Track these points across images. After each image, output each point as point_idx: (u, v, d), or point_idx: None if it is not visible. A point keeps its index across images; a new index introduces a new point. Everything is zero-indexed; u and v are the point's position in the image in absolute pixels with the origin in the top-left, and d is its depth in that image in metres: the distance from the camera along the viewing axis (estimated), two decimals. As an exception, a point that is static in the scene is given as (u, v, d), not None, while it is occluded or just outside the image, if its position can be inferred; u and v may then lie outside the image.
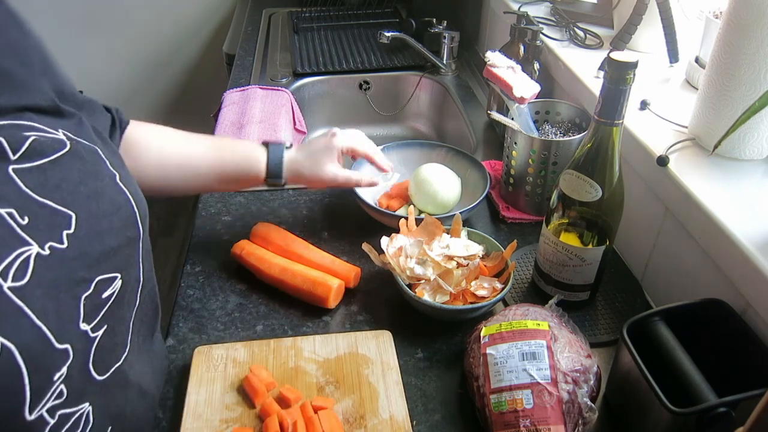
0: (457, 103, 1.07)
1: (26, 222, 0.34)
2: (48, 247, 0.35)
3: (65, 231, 0.36)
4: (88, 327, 0.38)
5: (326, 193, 0.81)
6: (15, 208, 0.34)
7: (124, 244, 0.41)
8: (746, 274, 0.48)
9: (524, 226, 0.75)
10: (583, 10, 0.95)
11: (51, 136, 0.38)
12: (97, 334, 0.39)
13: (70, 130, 0.41)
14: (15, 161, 0.35)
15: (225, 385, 0.52)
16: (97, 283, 0.38)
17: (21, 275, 0.33)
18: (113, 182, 0.42)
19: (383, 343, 0.57)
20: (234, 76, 1.14)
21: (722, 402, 0.41)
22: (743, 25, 0.54)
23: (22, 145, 0.36)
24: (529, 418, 0.46)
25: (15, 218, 0.34)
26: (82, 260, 0.37)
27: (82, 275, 0.37)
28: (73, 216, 0.37)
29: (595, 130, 0.52)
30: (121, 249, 0.41)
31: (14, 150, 0.36)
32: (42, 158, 0.37)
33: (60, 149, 0.38)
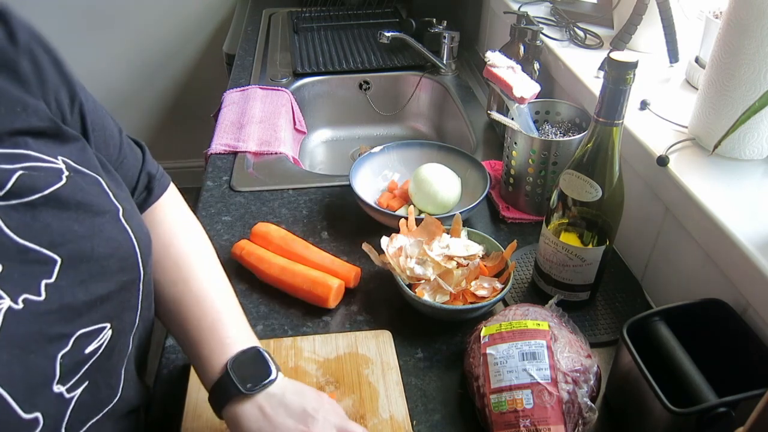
0: (457, 103, 1.07)
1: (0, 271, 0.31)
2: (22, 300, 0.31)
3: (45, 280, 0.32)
4: (63, 388, 0.33)
5: (326, 192, 0.81)
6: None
7: (117, 290, 0.37)
8: (746, 274, 0.47)
9: (524, 226, 0.75)
10: (583, 10, 0.95)
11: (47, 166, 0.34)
12: (74, 393, 0.35)
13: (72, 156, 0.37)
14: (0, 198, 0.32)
15: None
16: (77, 338, 0.34)
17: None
18: (115, 218, 0.37)
19: (383, 343, 0.57)
20: (234, 76, 1.14)
21: (722, 402, 0.41)
22: (743, 25, 0.54)
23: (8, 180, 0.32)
24: (529, 418, 0.46)
25: None
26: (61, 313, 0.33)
27: (59, 331, 0.33)
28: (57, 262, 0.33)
29: (595, 130, 0.52)
30: (113, 296, 0.36)
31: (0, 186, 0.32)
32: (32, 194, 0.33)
33: (54, 183, 0.34)
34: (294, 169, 0.87)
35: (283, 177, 0.84)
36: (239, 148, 0.89)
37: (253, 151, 0.89)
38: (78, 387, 0.35)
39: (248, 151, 0.89)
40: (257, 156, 0.89)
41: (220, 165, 0.87)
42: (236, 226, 0.75)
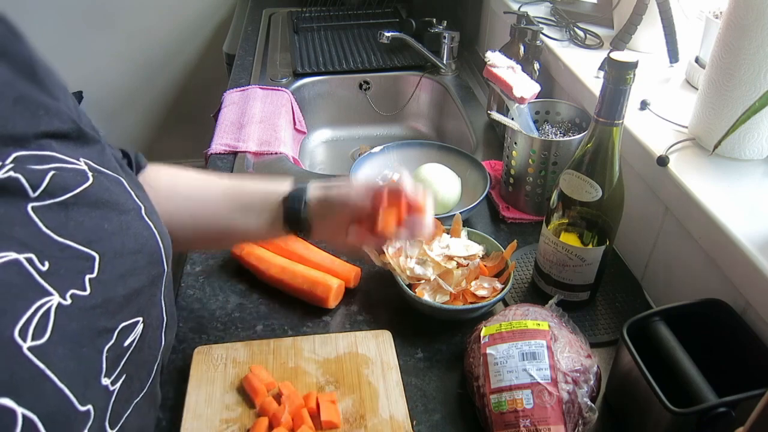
0: (457, 103, 1.07)
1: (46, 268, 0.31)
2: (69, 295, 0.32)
3: (88, 275, 0.33)
4: (108, 381, 0.34)
5: (326, 193, 0.81)
6: (35, 253, 0.31)
7: (148, 284, 0.38)
8: (746, 274, 0.48)
9: (524, 226, 0.75)
10: (583, 10, 0.95)
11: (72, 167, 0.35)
12: (116, 387, 0.36)
13: (93, 158, 0.38)
14: (35, 199, 0.32)
15: (225, 385, 0.52)
16: (119, 331, 0.35)
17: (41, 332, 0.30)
18: (138, 216, 0.39)
19: (383, 342, 0.57)
20: (234, 76, 1.14)
21: (722, 402, 0.41)
22: (743, 26, 0.54)
23: (43, 180, 0.33)
24: (529, 418, 0.46)
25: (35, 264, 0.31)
26: (105, 307, 0.34)
27: (104, 325, 0.34)
28: (96, 257, 0.34)
29: (595, 130, 0.52)
30: (144, 290, 0.38)
31: (34, 186, 0.32)
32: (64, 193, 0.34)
33: (83, 182, 0.35)
34: (294, 169, 0.87)
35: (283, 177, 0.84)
36: (239, 148, 0.89)
37: (253, 151, 0.89)
38: (119, 380, 0.36)
39: (248, 151, 0.89)
40: (257, 156, 0.89)
41: (220, 165, 0.87)
42: (236, 226, 0.75)
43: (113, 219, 0.36)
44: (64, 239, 0.33)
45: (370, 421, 0.50)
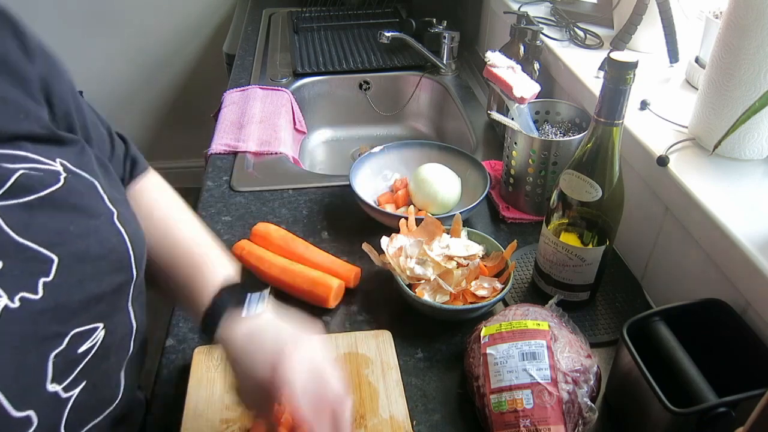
0: (457, 103, 1.08)
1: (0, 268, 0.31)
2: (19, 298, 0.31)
3: (43, 278, 0.33)
4: (58, 387, 0.34)
5: (326, 192, 0.81)
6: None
7: (110, 291, 0.37)
8: (746, 274, 0.48)
9: (524, 226, 0.75)
10: (583, 10, 0.95)
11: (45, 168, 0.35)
12: (72, 393, 0.35)
13: (70, 159, 0.38)
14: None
15: (225, 386, 0.52)
16: (71, 337, 0.34)
17: None
18: (109, 221, 0.38)
19: (383, 342, 0.57)
20: (234, 76, 1.14)
21: (722, 402, 0.41)
22: (743, 26, 0.54)
23: (8, 179, 0.33)
24: (529, 418, 0.46)
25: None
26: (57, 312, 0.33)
27: (54, 330, 0.33)
28: (54, 260, 0.34)
29: (595, 130, 0.52)
30: (106, 296, 0.37)
31: None
32: (30, 194, 0.34)
33: (52, 184, 0.35)
34: (294, 169, 0.87)
35: (283, 177, 0.84)
36: (239, 148, 0.89)
37: (253, 151, 0.89)
38: (75, 387, 0.35)
39: (248, 151, 0.89)
40: (257, 156, 0.89)
41: (220, 165, 0.87)
42: (236, 226, 0.75)
43: (80, 223, 0.36)
44: (24, 240, 0.33)
45: (371, 421, 0.50)
